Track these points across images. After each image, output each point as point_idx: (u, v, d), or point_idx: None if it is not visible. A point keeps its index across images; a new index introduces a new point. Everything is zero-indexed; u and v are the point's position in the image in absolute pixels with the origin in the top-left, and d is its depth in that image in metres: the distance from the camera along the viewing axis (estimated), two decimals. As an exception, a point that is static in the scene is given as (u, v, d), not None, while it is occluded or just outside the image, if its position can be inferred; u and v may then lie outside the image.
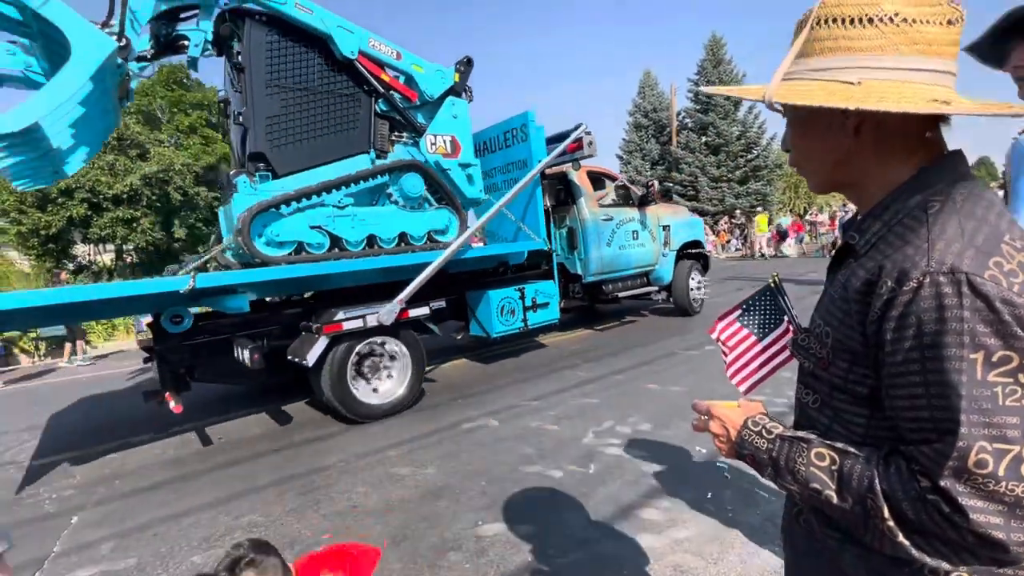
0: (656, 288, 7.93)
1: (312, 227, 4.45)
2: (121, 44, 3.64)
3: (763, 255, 18.75)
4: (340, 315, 4.26)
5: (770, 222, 20.42)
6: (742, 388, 1.91)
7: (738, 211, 23.02)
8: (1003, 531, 0.60)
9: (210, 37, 4.40)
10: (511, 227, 6.21)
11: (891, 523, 0.65)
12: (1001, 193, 1.93)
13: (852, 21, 0.69)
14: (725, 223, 21.86)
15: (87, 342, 10.58)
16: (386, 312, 4.40)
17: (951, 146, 0.75)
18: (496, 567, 2.38)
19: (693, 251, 8.26)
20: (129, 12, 3.72)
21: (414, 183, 5.04)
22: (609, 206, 7.18)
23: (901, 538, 0.65)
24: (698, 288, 8.10)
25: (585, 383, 5.08)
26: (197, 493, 3.45)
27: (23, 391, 7.95)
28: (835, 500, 0.71)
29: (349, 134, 4.85)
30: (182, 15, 4.30)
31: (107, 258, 18.11)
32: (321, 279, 4.60)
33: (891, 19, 0.67)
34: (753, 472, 2.72)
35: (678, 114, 26.12)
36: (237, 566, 1.17)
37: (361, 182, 4.75)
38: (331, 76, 4.73)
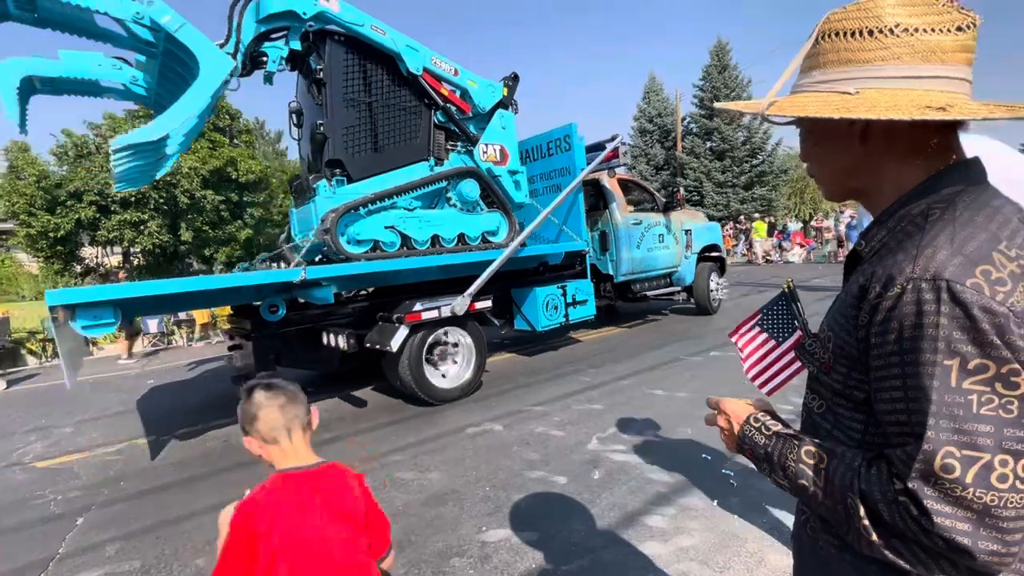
0: (678, 288, 8.41)
1: (386, 227, 4.91)
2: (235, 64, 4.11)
3: (768, 260, 19.21)
4: (418, 306, 4.69)
5: (771, 227, 20.83)
6: (764, 390, 2.09)
7: (743, 216, 23.50)
8: (970, 538, 0.59)
9: (286, 54, 4.85)
10: (553, 229, 6.67)
11: (866, 522, 0.66)
12: None
13: (854, 34, 0.71)
14: (730, 228, 22.31)
15: (93, 343, 10.37)
16: (458, 304, 4.88)
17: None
18: (501, 573, 2.37)
19: (711, 254, 8.75)
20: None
21: (471, 188, 5.51)
22: (637, 211, 7.66)
23: (874, 537, 0.66)
24: (717, 289, 8.60)
25: (590, 388, 5.07)
26: (201, 496, 3.44)
27: (30, 391, 7.70)
28: (820, 497, 0.72)
29: (412, 143, 5.32)
30: (272, 35, 4.75)
31: (114, 260, 18.36)
32: (397, 274, 5.06)
33: (891, 31, 0.69)
34: (759, 481, 3.02)
35: (683, 119, 26.55)
36: (254, 389, 1.27)
37: (427, 186, 5.22)
38: (398, 91, 5.20)
